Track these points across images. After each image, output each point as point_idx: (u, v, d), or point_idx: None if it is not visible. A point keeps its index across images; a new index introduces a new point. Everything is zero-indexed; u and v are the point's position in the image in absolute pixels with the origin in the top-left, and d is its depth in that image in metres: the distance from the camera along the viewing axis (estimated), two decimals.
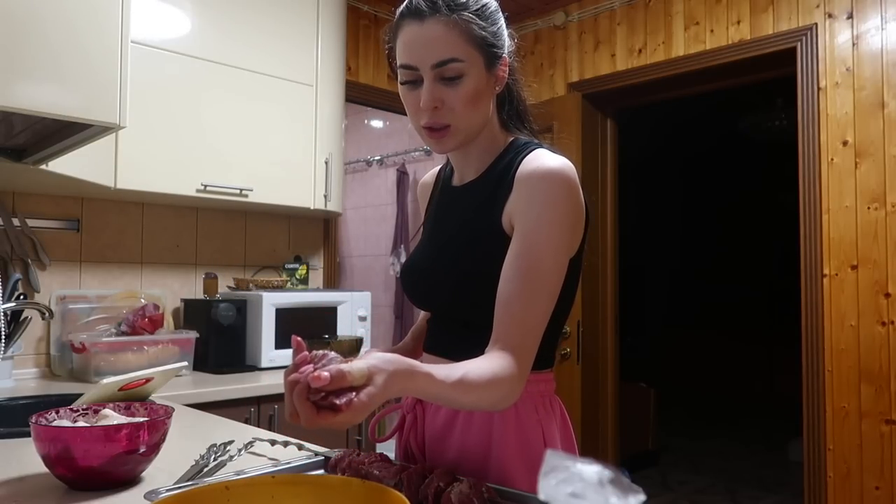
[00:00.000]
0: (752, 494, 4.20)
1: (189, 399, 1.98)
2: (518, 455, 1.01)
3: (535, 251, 0.95)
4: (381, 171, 4.53)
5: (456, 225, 1.11)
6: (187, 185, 2.38)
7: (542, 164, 0.99)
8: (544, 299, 0.96)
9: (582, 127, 3.37)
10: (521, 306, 0.94)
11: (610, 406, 3.54)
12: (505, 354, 0.92)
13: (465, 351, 0.95)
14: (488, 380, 0.88)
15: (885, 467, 2.47)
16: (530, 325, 0.94)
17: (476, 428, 1.04)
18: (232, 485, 0.80)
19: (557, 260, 0.97)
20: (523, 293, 0.94)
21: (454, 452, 1.06)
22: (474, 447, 1.04)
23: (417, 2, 0.99)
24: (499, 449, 1.02)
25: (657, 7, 3.17)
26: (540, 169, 0.99)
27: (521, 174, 1.00)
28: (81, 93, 1.41)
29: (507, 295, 0.95)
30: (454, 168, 1.16)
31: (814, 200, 2.67)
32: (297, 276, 2.96)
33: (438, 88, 0.99)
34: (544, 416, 1.05)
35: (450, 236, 1.11)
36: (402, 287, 1.18)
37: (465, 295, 1.05)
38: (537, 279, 0.95)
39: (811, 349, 2.66)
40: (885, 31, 2.53)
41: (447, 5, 0.98)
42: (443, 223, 1.15)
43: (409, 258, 1.18)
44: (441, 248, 1.12)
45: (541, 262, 0.95)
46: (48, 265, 2.37)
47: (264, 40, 2.57)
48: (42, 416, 1.05)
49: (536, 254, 0.95)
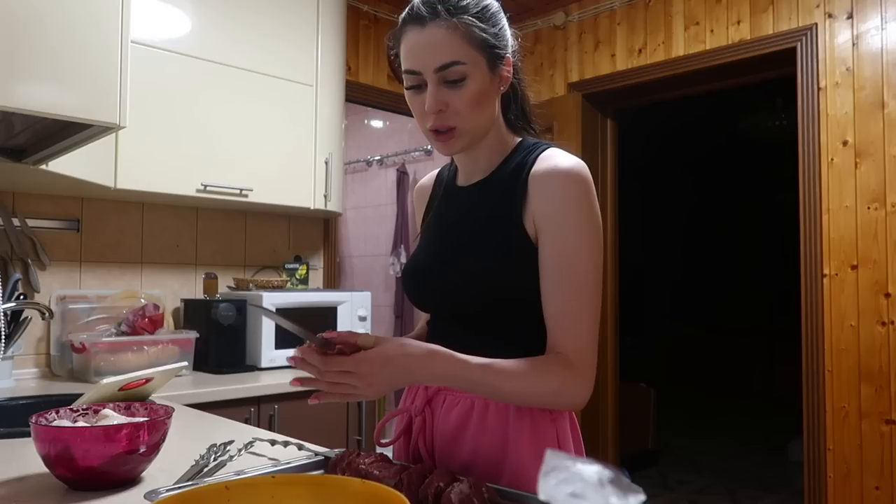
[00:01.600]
0: (752, 494, 4.20)
1: (189, 399, 1.98)
2: (533, 455, 1.00)
3: (570, 257, 0.98)
4: (381, 171, 4.53)
5: (467, 223, 1.10)
6: (187, 185, 2.38)
7: (558, 164, 1.00)
8: (590, 302, 0.98)
9: (582, 127, 3.37)
10: (571, 316, 0.97)
11: (610, 406, 3.54)
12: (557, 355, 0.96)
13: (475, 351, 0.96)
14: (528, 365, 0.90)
15: (885, 467, 2.47)
16: (583, 330, 0.97)
17: (491, 429, 1.03)
18: (232, 485, 0.80)
19: (591, 259, 0.99)
20: (568, 301, 0.97)
21: (466, 454, 1.05)
22: (489, 449, 1.03)
23: (418, 7, 1.01)
24: (514, 450, 1.02)
25: (657, 7, 3.17)
26: (557, 169, 1.00)
27: (536, 174, 1.01)
28: (81, 93, 1.41)
29: (554, 307, 0.98)
30: (459, 169, 1.16)
31: (814, 200, 2.67)
32: (297, 276, 2.96)
33: (442, 92, 1.01)
34: (557, 415, 1.05)
35: (462, 235, 1.10)
36: (405, 289, 1.18)
37: (478, 293, 1.04)
38: (578, 284, 0.97)
39: (811, 349, 2.66)
40: (885, 31, 2.53)
41: (447, 9, 0.99)
42: (451, 223, 1.14)
43: (413, 259, 1.17)
44: (452, 246, 1.10)
45: (577, 266, 0.97)
46: (48, 265, 2.37)
47: (264, 40, 2.57)
48: (42, 416, 1.05)
49: (572, 259, 0.98)
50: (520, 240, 1.01)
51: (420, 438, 1.10)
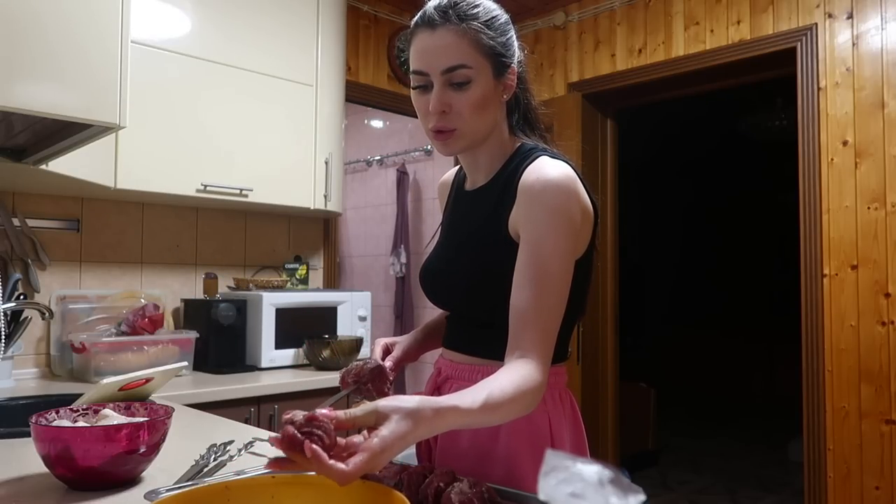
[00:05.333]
0: (752, 494, 4.20)
1: (189, 399, 1.98)
2: (526, 444, 1.05)
3: (542, 259, 0.99)
4: (381, 171, 4.52)
5: (467, 229, 1.15)
6: (187, 185, 2.38)
7: (542, 174, 1.03)
8: (555, 303, 0.99)
9: (582, 127, 3.37)
10: (535, 313, 0.97)
11: (610, 406, 3.54)
12: (525, 362, 0.95)
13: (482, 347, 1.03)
14: (513, 393, 0.90)
15: (885, 467, 2.47)
16: (545, 330, 0.98)
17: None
18: (232, 485, 0.80)
19: (563, 265, 1.01)
20: (535, 300, 0.98)
21: (466, 441, 1.09)
22: (485, 435, 1.07)
23: (431, 12, 1.05)
24: (507, 437, 1.06)
25: (657, 7, 3.17)
26: (540, 180, 1.02)
27: (523, 184, 1.04)
28: (81, 93, 1.41)
29: (520, 303, 0.99)
30: (466, 172, 1.21)
31: (814, 200, 2.67)
32: (297, 276, 2.96)
33: (447, 93, 1.04)
34: (552, 407, 1.09)
35: (461, 240, 1.16)
36: (421, 286, 1.22)
37: (477, 296, 1.09)
38: (547, 285, 0.98)
39: (811, 349, 2.66)
40: (885, 31, 2.53)
41: (458, 15, 1.03)
42: (456, 226, 1.20)
43: (428, 259, 1.23)
44: (454, 250, 1.17)
45: (548, 268, 0.99)
46: (48, 265, 2.37)
47: (264, 40, 2.57)
48: (42, 416, 1.05)
49: (543, 261, 0.99)
50: (506, 244, 1.05)
51: None
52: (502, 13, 1.09)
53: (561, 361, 1.11)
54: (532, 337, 0.97)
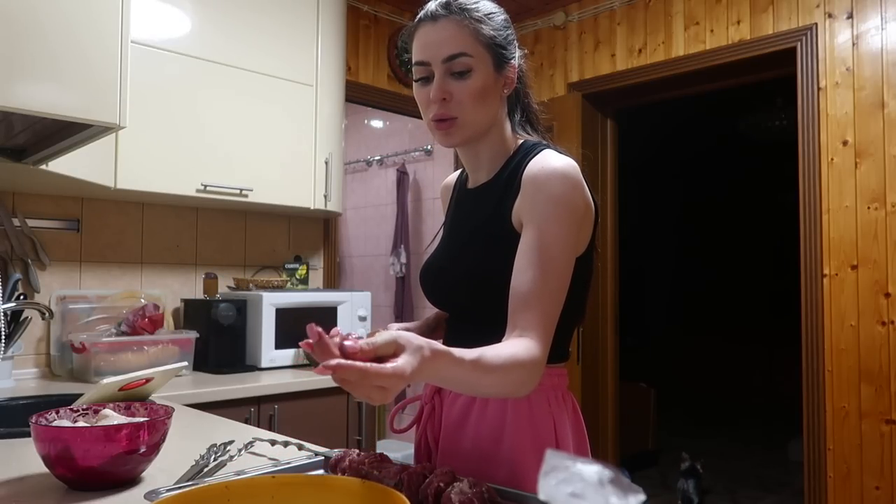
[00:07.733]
0: (752, 494, 4.20)
1: (189, 399, 1.98)
2: (530, 445, 1.04)
3: (545, 244, 0.99)
4: (381, 171, 4.53)
5: (470, 227, 1.15)
6: (187, 185, 2.38)
7: (547, 163, 1.04)
8: (557, 287, 0.99)
9: (582, 127, 3.37)
10: (537, 295, 0.97)
11: (610, 406, 3.54)
12: (524, 339, 0.95)
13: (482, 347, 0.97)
14: (507, 360, 0.90)
15: (885, 467, 2.47)
16: (547, 313, 0.97)
17: (490, 417, 1.07)
18: (232, 485, 0.80)
19: (565, 251, 1.01)
20: (538, 282, 0.98)
21: (468, 442, 1.09)
22: (487, 436, 1.07)
23: (434, 7, 1.08)
24: (511, 439, 1.05)
25: (657, 7, 3.17)
26: (545, 168, 1.03)
27: (527, 174, 1.05)
28: (81, 93, 1.41)
29: (522, 286, 0.98)
30: (467, 171, 1.21)
31: (814, 200, 2.67)
32: (297, 276, 2.96)
33: (448, 82, 1.06)
34: (556, 409, 1.08)
35: (464, 238, 1.16)
36: (421, 286, 1.22)
37: (480, 293, 1.09)
38: (550, 269, 0.98)
39: (811, 349, 2.66)
40: (885, 31, 2.53)
41: (459, 8, 1.06)
42: (459, 224, 1.20)
43: (429, 258, 1.23)
44: (457, 248, 1.17)
45: (551, 253, 0.99)
46: (48, 265, 2.37)
47: (264, 40, 2.57)
48: (42, 416, 1.05)
49: (547, 246, 0.99)
50: (509, 236, 1.04)
51: (428, 426, 1.16)
52: (501, 11, 1.12)
53: (561, 361, 1.11)
54: (532, 318, 0.96)
